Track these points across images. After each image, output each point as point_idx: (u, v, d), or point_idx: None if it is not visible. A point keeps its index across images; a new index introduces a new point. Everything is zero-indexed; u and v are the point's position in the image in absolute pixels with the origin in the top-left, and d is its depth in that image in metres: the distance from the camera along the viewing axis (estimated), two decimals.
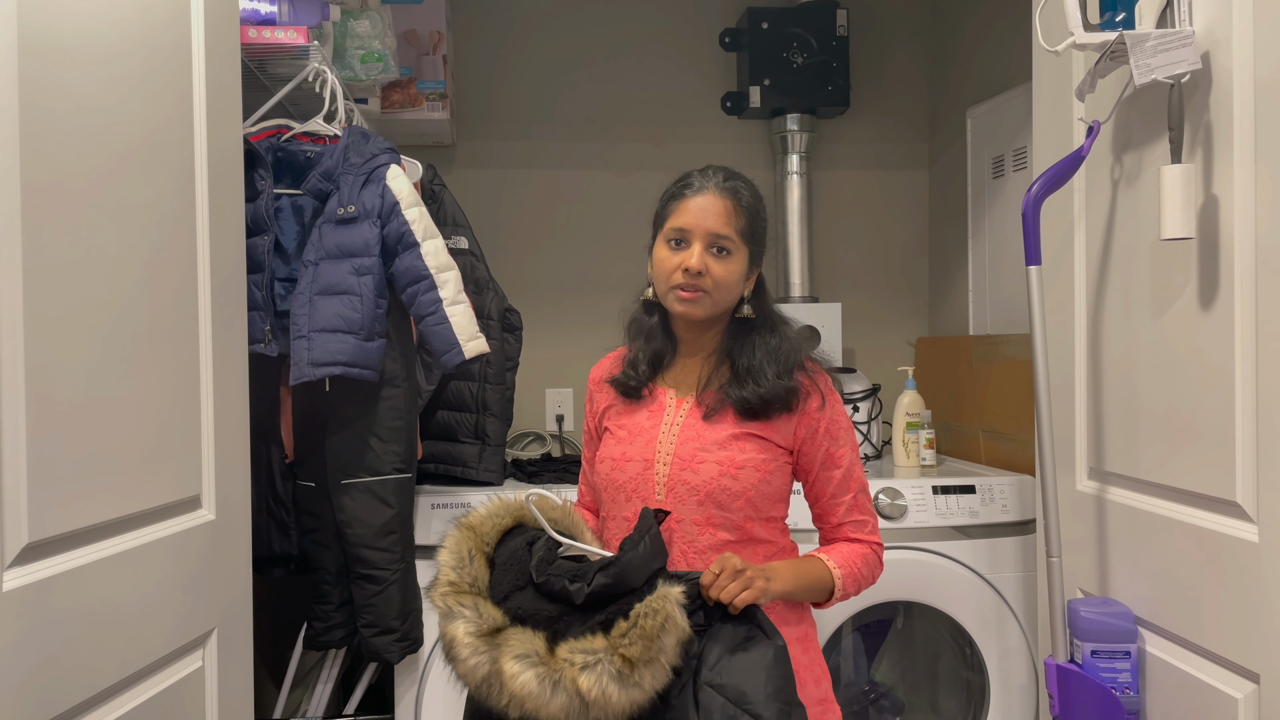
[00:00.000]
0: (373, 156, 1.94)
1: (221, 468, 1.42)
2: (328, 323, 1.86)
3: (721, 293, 1.42)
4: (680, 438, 1.43)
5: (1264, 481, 1.27)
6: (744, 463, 1.40)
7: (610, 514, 1.48)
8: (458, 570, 1.30)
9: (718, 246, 1.41)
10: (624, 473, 1.44)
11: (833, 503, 1.46)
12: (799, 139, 2.90)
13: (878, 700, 2.47)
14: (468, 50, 2.91)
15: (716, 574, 1.25)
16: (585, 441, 1.61)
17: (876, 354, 3.00)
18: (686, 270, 1.40)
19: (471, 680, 1.24)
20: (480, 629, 1.24)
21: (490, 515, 1.38)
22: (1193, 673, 1.41)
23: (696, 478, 1.40)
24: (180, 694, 1.32)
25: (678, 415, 1.46)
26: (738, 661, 1.20)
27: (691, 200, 1.42)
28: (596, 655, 1.18)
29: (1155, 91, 1.43)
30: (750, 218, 1.44)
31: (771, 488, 1.42)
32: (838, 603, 1.44)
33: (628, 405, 1.50)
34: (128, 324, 1.21)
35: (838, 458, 1.45)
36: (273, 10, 1.90)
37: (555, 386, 2.92)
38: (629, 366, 1.51)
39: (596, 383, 1.58)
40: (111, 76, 1.18)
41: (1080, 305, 1.68)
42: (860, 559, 1.44)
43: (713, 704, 1.18)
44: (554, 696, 1.17)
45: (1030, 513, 2.25)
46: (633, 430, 1.47)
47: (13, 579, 1.01)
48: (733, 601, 1.24)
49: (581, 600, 1.24)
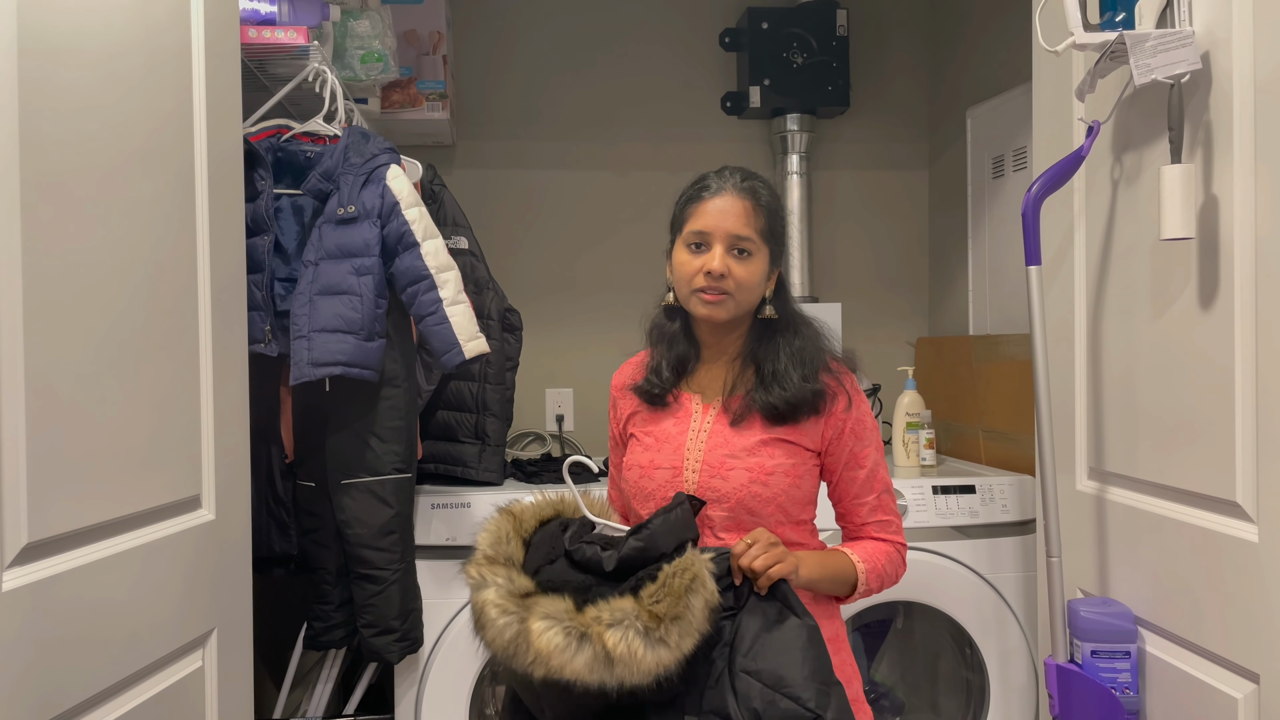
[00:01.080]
0: (373, 156, 1.94)
1: (221, 468, 1.42)
2: (328, 323, 1.86)
3: (744, 294, 1.41)
4: (708, 444, 1.43)
5: (1264, 481, 1.27)
6: (774, 469, 1.40)
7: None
8: (494, 546, 1.31)
9: (738, 248, 1.40)
10: (653, 480, 1.44)
11: (856, 503, 1.46)
12: (799, 139, 2.90)
13: (878, 700, 2.47)
14: (467, 50, 2.91)
15: (750, 544, 1.26)
16: (611, 448, 1.61)
17: (876, 354, 2.99)
18: (709, 273, 1.39)
19: (499, 643, 1.22)
20: (511, 593, 1.24)
21: (533, 505, 1.40)
22: (1193, 673, 1.41)
23: (726, 485, 1.40)
24: (180, 694, 1.32)
25: (705, 422, 1.45)
26: (772, 645, 1.20)
27: (710, 202, 1.42)
28: (625, 614, 1.17)
29: (1155, 91, 1.43)
30: (769, 217, 1.43)
31: (801, 491, 1.42)
32: (860, 598, 1.45)
33: (653, 412, 1.50)
34: (128, 324, 1.21)
35: (862, 458, 1.45)
36: (273, 10, 1.90)
37: (555, 386, 2.92)
38: (652, 373, 1.50)
39: (619, 389, 1.57)
40: (111, 76, 1.18)
41: (1080, 305, 1.68)
42: (884, 556, 1.45)
43: (751, 690, 1.18)
44: (579, 653, 1.16)
45: (1030, 513, 2.25)
46: (659, 438, 1.47)
47: (13, 579, 1.01)
48: (766, 571, 1.24)
49: (612, 566, 1.24)
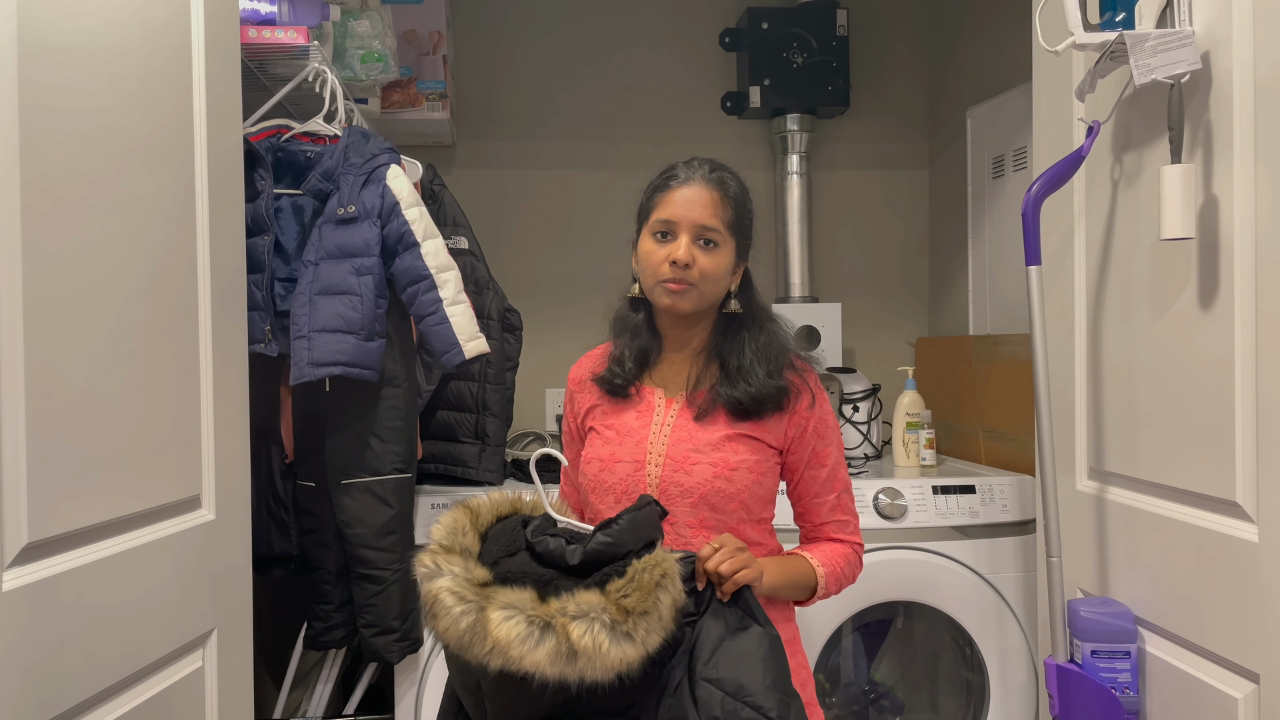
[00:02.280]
0: (373, 156, 1.94)
1: (221, 468, 1.42)
2: (328, 323, 1.86)
3: (709, 285, 1.40)
4: (671, 439, 1.42)
5: (1264, 481, 1.27)
6: (737, 464, 1.39)
7: (597, 515, 1.46)
8: (449, 537, 1.25)
9: (704, 239, 1.39)
10: (613, 474, 1.43)
11: (816, 501, 1.46)
12: (799, 139, 2.90)
13: (878, 700, 2.47)
14: (468, 50, 2.91)
15: (716, 548, 1.23)
16: (565, 443, 1.58)
17: (876, 354, 3.00)
18: (674, 263, 1.38)
19: (453, 632, 1.14)
20: (469, 581, 1.18)
21: (491, 501, 1.36)
22: (1193, 673, 1.41)
23: (690, 479, 1.39)
24: (180, 694, 1.32)
25: (668, 416, 1.45)
26: (733, 653, 1.18)
27: (677, 192, 1.40)
28: (591, 607, 1.13)
29: (1155, 91, 1.43)
30: (736, 209, 1.42)
31: (763, 489, 1.42)
32: (818, 601, 1.45)
33: (614, 404, 1.49)
34: (128, 324, 1.21)
35: (823, 456, 1.45)
36: (273, 10, 1.90)
37: (555, 386, 2.91)
38: (614, 364, 1.49)
39: (577, 382, 1.56)
40: (111, 76, 1.18)
41: (1080, 305, 1.68)
42: (842, 558, 1.45)
43: (711, 699, 1.16)
44: (541, 644, 1.11)
45: (1030, 513, 2.25)
46: (621, 430, 1.46)
47: (13, 579, 1.01)
48: (732, 577, 1.21)
49: (577, 560, 1.21)
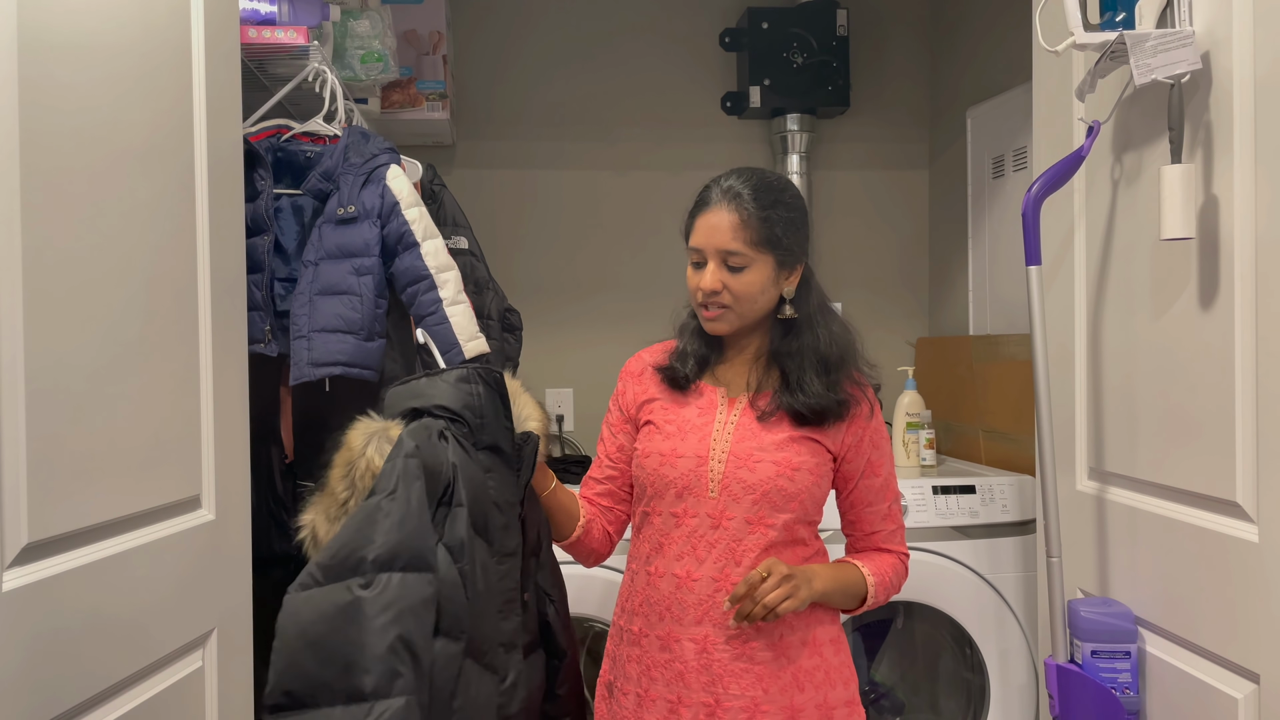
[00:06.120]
0: (373, 156, 1.94)
1: (221, 468, 1.42)
2: (328, 323, 1.86)
3: (745, 305, 1.42)
4: (736, 436, 1.43)
5: (1264, 481, 1.27)
6: (800, 465, 1.41)
7: (654, 509, 1.46)
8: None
9: (729, 264, 1.41)
10: (675, 469, 1.43)
11: (869, 510, 1.49)
12: (799, 139, 2.90)
13: (878, 700, 2.47)
14: (468, 50, 2.91)
15: (764, 576, 1.31)
16: (606, 434, 1.57)
17: (876, 354, 2.92)
18: (703, 291, 1.41)
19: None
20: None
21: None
22: (1193, 673, 1.41)
23: (753, 476, 1.40)
24: (180, 694, 1.32)
25: (731, 414, 1.46)
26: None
27: (701, 218, 1.43)
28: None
29: (1155, 91, 1.43)
30: (762, 224, 1.40)
31: (821, 491, 1.45)
32: (865, 610, 1.49)
33: (673, 399, 1.49)
34: (128, 324, 1.21)
35: (878, 466, 1.48)
36: (273, 10, 1.90)
37: (555, 386, 2.92)
38: (677, 358, 1.51)
39: (635, 374, 1.55)
40: (111, 76, 1.18)
41: (1080, 305, 1.68)
42: (891, 569, 1.49)
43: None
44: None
45: (1030, 513, 2.25)
46: (682, 426, 1.46)
47: (13, 579, 1.01)
48: (775, 609, 1.31)
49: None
